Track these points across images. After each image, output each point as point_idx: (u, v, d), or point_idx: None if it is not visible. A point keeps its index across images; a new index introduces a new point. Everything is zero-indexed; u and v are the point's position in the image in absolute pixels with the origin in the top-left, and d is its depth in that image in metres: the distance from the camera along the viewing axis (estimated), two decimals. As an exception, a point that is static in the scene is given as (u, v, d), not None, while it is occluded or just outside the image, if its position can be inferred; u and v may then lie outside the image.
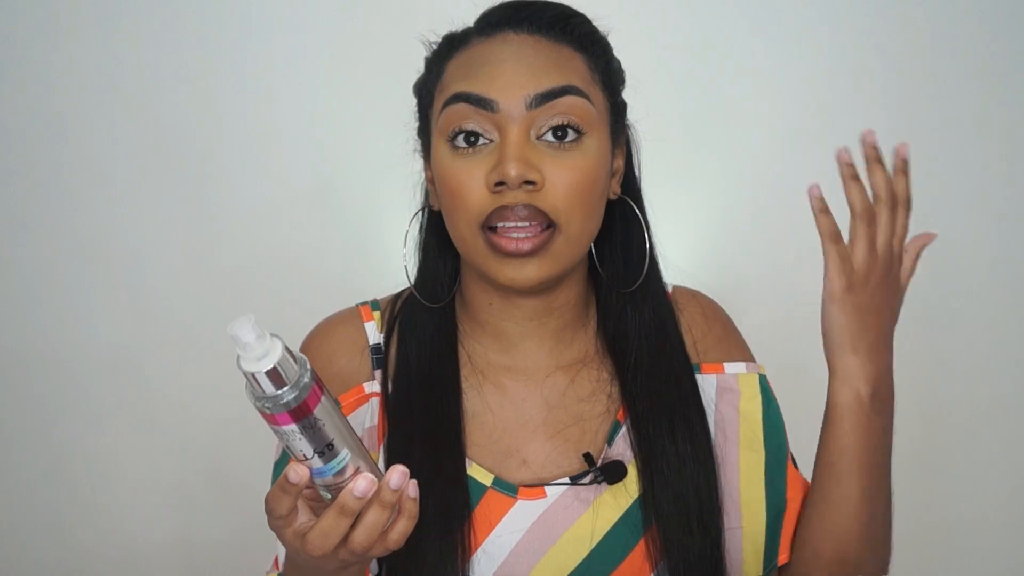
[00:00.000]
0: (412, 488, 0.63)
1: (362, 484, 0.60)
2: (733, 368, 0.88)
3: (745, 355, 0.91)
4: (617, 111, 0.81)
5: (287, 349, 0.56)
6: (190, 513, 1.72)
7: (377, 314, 0.87)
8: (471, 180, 0.74)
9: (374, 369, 0.84)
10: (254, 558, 1.58)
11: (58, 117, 1.60)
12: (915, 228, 1.62)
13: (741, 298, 0.94)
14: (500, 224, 0.74)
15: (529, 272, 0.74)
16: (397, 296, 0.88)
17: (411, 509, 0.64)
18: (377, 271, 1.56)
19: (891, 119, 1.60)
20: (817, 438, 0.83)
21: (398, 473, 0.61)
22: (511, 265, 0.74)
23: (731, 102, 1.60)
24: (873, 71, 1.59)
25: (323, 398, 0.58)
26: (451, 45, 0.79)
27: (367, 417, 0.83)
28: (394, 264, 1.53)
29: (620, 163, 0.83)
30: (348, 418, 0.80)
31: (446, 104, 0.75)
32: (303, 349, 0.87)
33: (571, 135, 0.73)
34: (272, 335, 0.56)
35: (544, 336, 0.83)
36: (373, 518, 0.62)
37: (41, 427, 1.70)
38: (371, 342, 0.85)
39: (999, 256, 1.65)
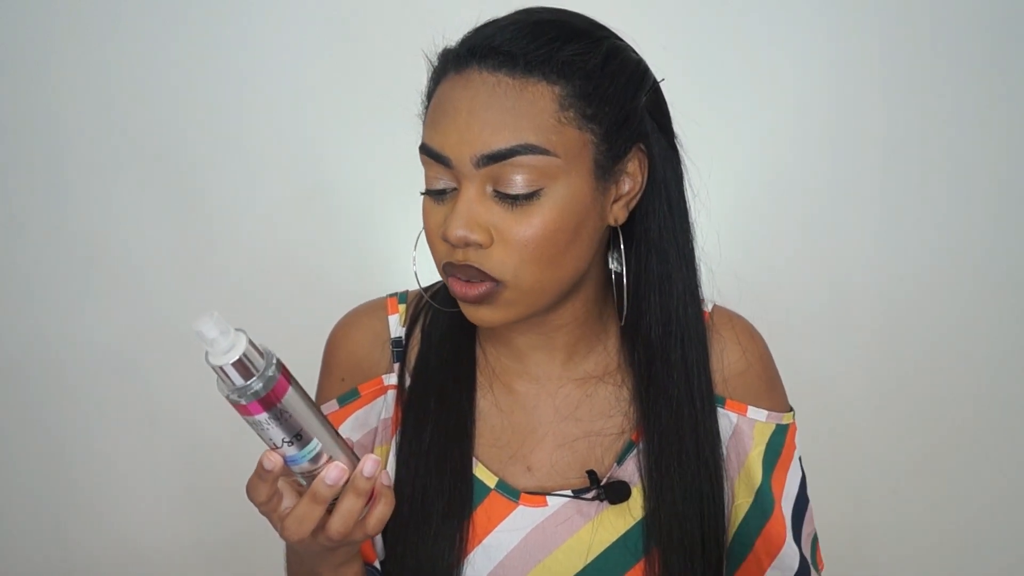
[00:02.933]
0: (387, 477, 0.67)
1: (332, 472, 0.63)
2: (755, 414, 0.85)
3: (773, 402, 0.87)
4: (615, 133, 0.73)
5: (251, 342, 0.58)
6: (190, 514, 1.73)
7: (403, 307, 0.87)
8: (435, 226, 0.73)
9: (394, 362, 0.85)
10: (254, 558, 1.59)
11: (56, 118, 1.60)
12: (917, 231, 1.63)
13: (740, 300, 0.92)
14: (454, 274, 0.73)
15: (484, 316, 0.74)
16: (426, 290, 0.87)
17: (387, 495, 0.67)
18: (375, 273, 1.57)
19: (892, 119, 1.61)
20: (815, 437, 0.82)
21: (371, 461, 0.64)
22: (469, 308, 0.74)
23: (730, 103, 1.60)
24: (874, 71, 1.59)
25: (291, 387, 0.60)
26: (439, 73, 0.75)
27: (383, 408, 0.84)
28: (392, 266, 1.54)
29: (632, 184, 0.76)
30: (366, 408, 0.83)
31: (420, 148, 0.74)
32: (330, 337, 0.88)
33: (523, 195, 0.69)
34: (236, 329, 0.58)
35: (554, 349, 0.83)
36: (348, 505, 0.65)
37: (41, 428, 1.70)
38: (392, 335, 0.86)
39: (998, 256, 1.66)
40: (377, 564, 0.83)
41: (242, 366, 0.57)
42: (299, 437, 0.62)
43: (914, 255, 1.65)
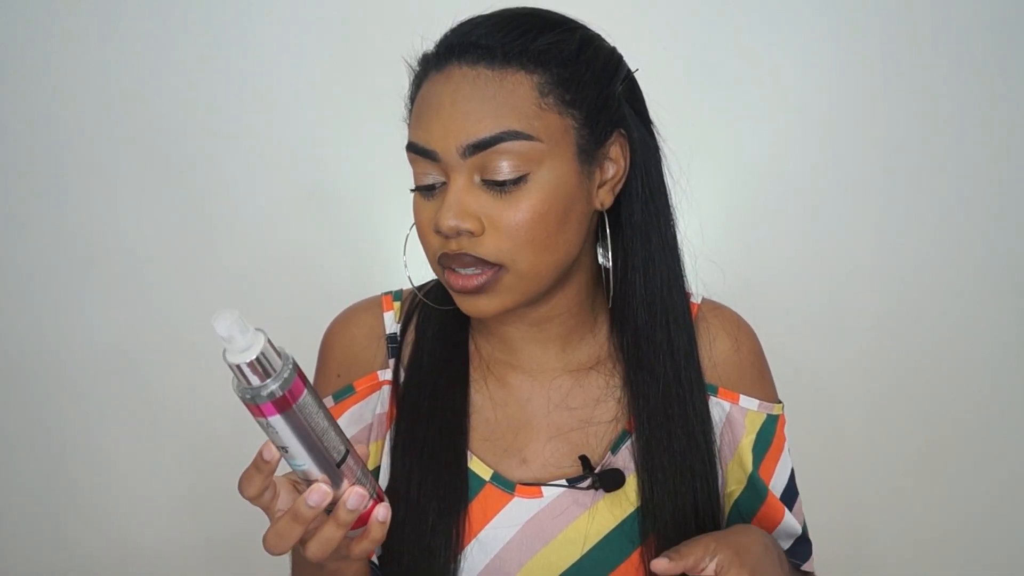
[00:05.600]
0: (383, 512, 0.66)
1: (314, 496, 0.62)
2: (746, 403, 0.86)
3: (764, 391, 0.88)
4: (595, 118, 0.75)
5: (270, 342, 0.58)
6: (190, 514, 1.72)
7: (397, 304, 0.88)
8: (426, 221, 0.75)
9: (389, 358, 0.86)
10: (254, 558, 1.59)
11: (56, 119, 1.60)
12: (917, 231, 1.63)
13: (739, 299, 0.93)
14: (449, 265, 0.74)
15: (483, 306, 0.75)
16: (419, 288, 0.89)
17: (376, 533, 0.66)
18: (374, 272, 1.57)
19: (892, 119, 1.61)
20: (814, 436, 0.82)
21: (355, 495, 0.63)
22: (466, 300, 0.75)
23: (730, 103, 1.60)
24: (875, 72, 1.59)
25: (306, 392, 0.60)
26: (419, 77, 0.77)
27: (378, 404, 0.85)
28: (392, 266, 1.54)
29: (616, 169, 0.78)
30: (361, 404, 0.84)
31: (406, 147, 0.75)
32: (326, 334, 0.89)
33: (510, 180, 0.71)
34: (256, 329, 0.57)
35: (548, 340, 0.83)
36: (328, 533, 0.64)
37: (41, 428, 1.70)
38: (388, 331, 0.87)
39: (998, 256, 1.65)
40: (375, 559, 0.83)
41: (259, 366, 0.57)
42: (310, 442, 0.61)
43: (914, 255, 1.65)
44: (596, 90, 0.75)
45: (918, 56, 1.58)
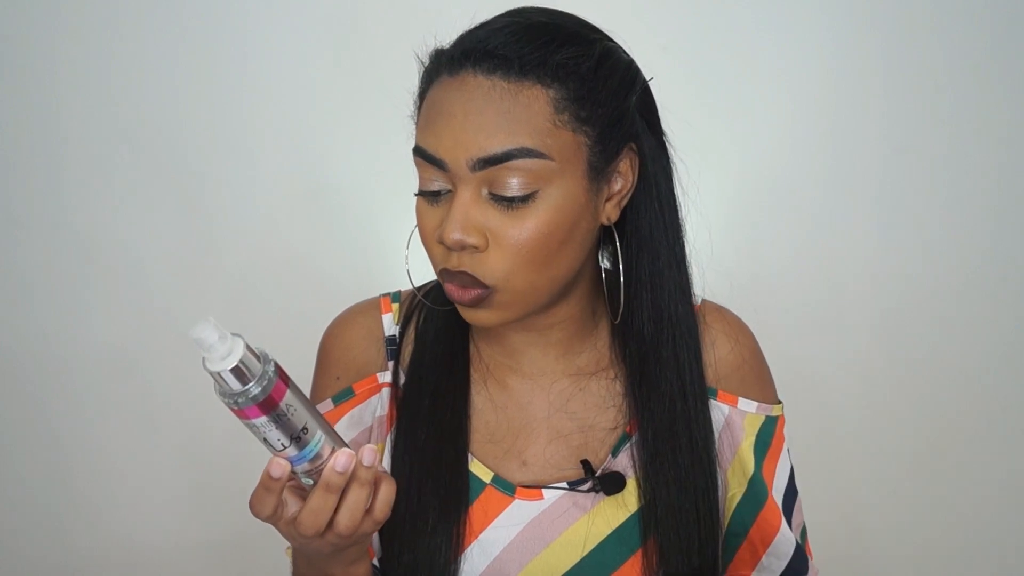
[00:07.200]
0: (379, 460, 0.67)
1: (342, 459, 0.63)
2: (745, 405, 0.86)
3: (763, 393, 0.88)
4: (609, 135, 0.73)
5: (248, 346, 0.59)
6: (190, 514, 1.73)
7: (396, 306, 0.88)
8: (430, 229, 0.74)
9: (388, 360, 0.86)
10: (254, 558, 1.59)
11: (56, 117, 1.60)
12: (916, 231, 1.64)
13: (739, 300, 0.93)
14: (450, 280, 0.74)
15: (483, 318, 0.75)
16: (419, 289, 0.88)
17: (386, 478, 0.67)
18: (375, 273, 1.57)
19: (892, 120, 1.61)
20: (814, 436, 0.82)
21: (368, 451, 0.64)
22: (466, 311, 0.75)
23: (731, 103, 1.60)
24: (874, 72, 1.60)
25: (288, 389, 0.61)
26: (431, 74, 0.75)
27: (378, 406, 0.85)
28: (392, 266, 1.54)
29: (624, 183, 0.76)
30: (361, 407, 0.84)
31: (413, 150, 0.74)
32: (325, 337, 0.88)
33: (519, 197, 0.70)
34: (233, 334, 0.58)
35: (549, 345, 0.83)
36: (354, 498, 0.65)
37: (41, 427, 1.70)
38: (387, 333, 0.86)
39: (998, 256, 1.66)
40: (375, 562, 0.83)
41: (239, 371, 0.58)
42: (304, 431, 0.62)
43: (913, 255, 1.65)
44: (611, 107, 0.73)
45: (919, 58, 1.58)
